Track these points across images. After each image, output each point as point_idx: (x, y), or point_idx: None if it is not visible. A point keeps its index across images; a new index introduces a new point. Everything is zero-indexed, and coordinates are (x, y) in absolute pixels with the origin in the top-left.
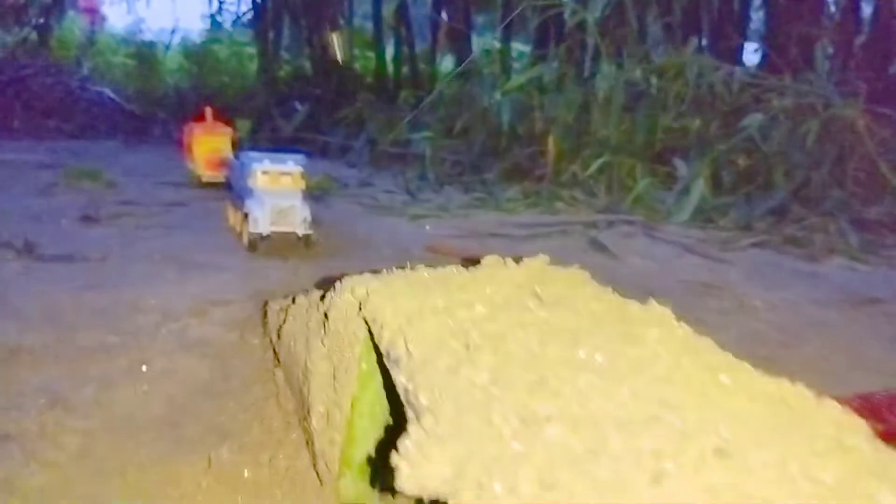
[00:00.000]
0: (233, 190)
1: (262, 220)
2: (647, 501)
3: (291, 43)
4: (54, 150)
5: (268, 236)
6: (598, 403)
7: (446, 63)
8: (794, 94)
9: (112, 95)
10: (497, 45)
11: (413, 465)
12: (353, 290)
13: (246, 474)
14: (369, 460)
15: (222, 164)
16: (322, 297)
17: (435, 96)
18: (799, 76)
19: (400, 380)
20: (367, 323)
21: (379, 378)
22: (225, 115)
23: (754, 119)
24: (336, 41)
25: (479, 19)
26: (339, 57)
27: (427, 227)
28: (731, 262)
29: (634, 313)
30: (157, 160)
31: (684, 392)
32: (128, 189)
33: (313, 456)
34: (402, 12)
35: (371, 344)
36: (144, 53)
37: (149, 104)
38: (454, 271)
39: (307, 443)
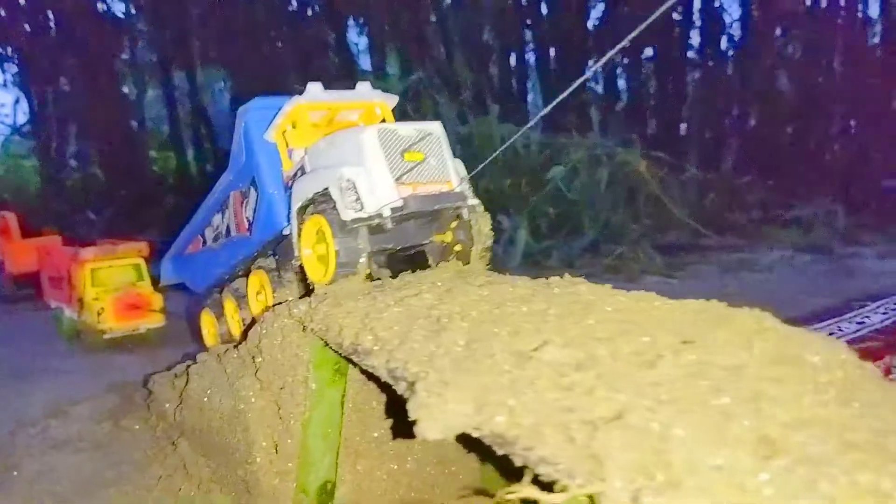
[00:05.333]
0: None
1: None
2: (649, 380)
3: (80, 150)
4: None
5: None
6: (572, 334)
7: None
8: (584, 148)
9: None
10: None
11: (433, 411)
12: (289, 313)
13: None
14: (327, 483)
15: (143, 306)
16: (241, 340)
17: None
18: (581, 134)
19: (377, 363)
20: (319, 338)
21: (331, 394)
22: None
23: (557, 171)
24: None
25: None
26: None
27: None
28: None
29: (552, 285)
30: None
31: (618, 318)
32: None
33: (259, 499)
34: (198, 111)
35: (321, 360)
36: None
37: None
38: (382, 281)
39: (247, 490)
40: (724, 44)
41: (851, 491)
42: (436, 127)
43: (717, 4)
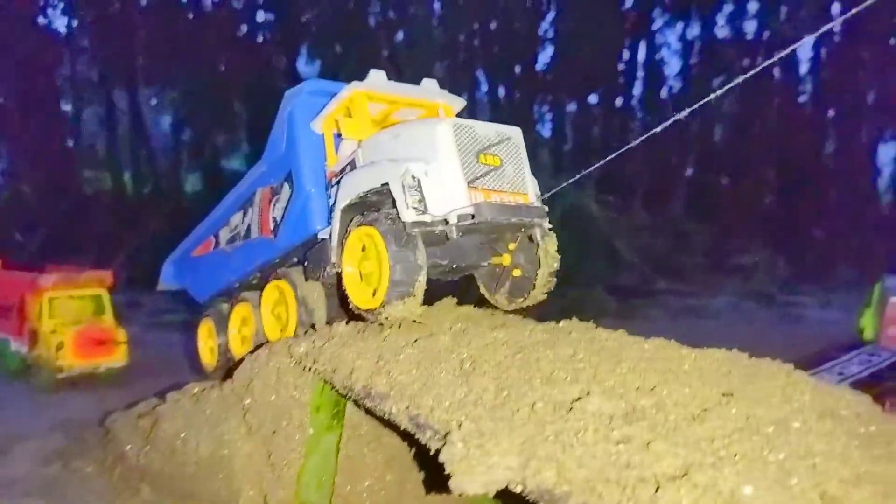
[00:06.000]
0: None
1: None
2: (702, 435)
3: (9, 166)
4: None
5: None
6: (610, 383)
7: (193, 181)
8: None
9: None
10: None
11: (472, 464)
12: (288, 352)
13: None
14: None
15: (107, 342)
16: (224, 380)
17: None
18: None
19: (397, 409)
20: (321, 379)
21: (328, 440)
22: None
23: None
24: None
25: (220, 138)
26: None
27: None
28: None
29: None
30: None
31: (650, 366)
32: None
33: None
34: (138, 131)
35: (321, 403)
36: None
37: None
38: (380, 322)
39: None
40: (664, 94)
41: None
42: (516, 132)
43: (658, 58)
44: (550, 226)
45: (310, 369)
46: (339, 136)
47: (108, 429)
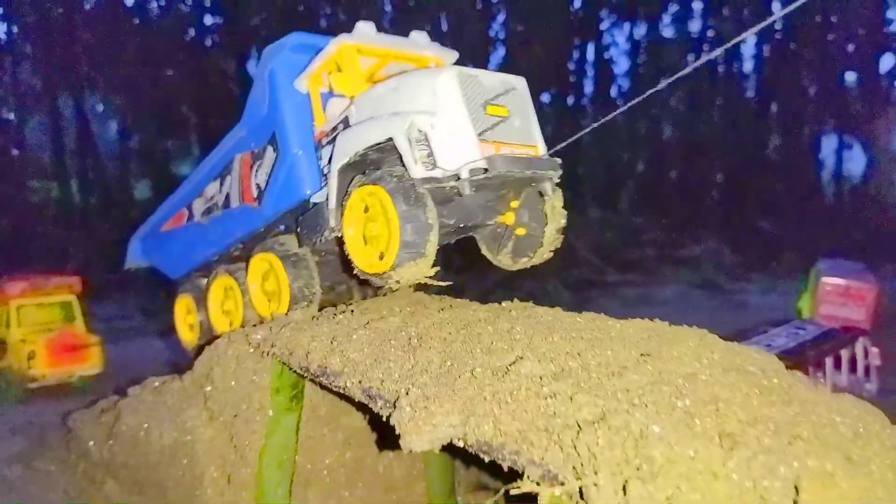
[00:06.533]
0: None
1: None
2: (620, 387)
3: None
4: None
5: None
6: (543, 350)
7: (142, 188)
8: None
9: None
10: None
11: (419, 425)
12: (247, 339)
13: None
14: None
15: (80, 348)
16: (185, 370)
17: None
18: None
19: (350, 383)
20: (280, 362)
21: (287, 420)
22: None
23: None
24: None
25: (169, 143)
26: None
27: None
28: None
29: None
30: None
31: (580, 335)
32: None
33: None
34: (85, 138)
35: (280, 385)
36: None
37: None
38: (336, 309)
39: None
40: (613, 92)
41: (805, 473)
42: (521, 82)
43: (607, 57)
44: (559, 180)
45: (268, 354)
46: (327, 94)
47: (70, 428)
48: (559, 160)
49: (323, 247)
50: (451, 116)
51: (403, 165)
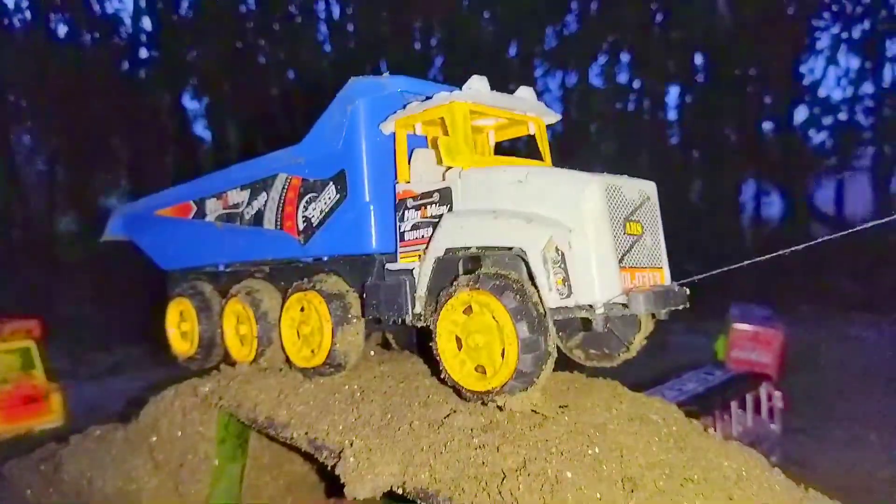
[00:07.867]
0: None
1: None
2: (540, 437)
3: None
4: None
5: None
6: (471, 403)
7: (66, 222)
8: None
9: None
10: None
11: (362, 474)
12: (195, 392)
13: None
14: None
15: (39, 400)
16: (125, 421)
17: None
18: None
19: (297, 434)
20: (227, 413)
21: (232, 469)
22: None
23: None
24: None
25: (98, 177)
26: None
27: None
28: None
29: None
30: None
31: None
32: None
33: None
34: (11, 174)
35: (226, 435)
36: None
37: None
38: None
39: None
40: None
41: None
42: (653, 188)
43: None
44: None
45: (216, 406)
46: (410, 136)
47: (5, 476)
48: (687, 290)
49: (393, 327)
50: (593, 239)
51: (527, 278)
